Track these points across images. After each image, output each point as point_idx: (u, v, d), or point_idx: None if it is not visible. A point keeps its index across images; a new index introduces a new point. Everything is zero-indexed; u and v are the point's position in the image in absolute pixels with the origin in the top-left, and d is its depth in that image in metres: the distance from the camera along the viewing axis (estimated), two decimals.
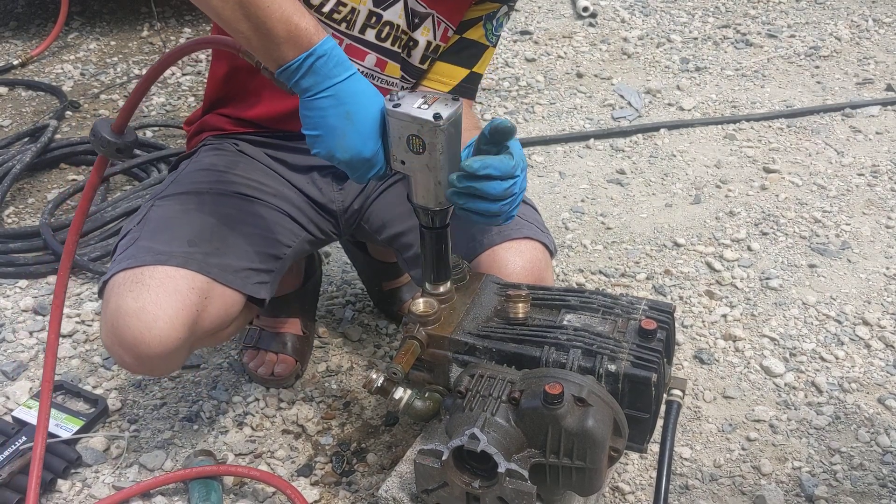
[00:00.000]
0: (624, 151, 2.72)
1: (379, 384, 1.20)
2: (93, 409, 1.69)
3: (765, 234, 2.31)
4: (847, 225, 2.34)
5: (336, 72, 1.15)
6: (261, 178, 1.52)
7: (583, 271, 2.18)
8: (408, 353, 1.20)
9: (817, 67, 3.28)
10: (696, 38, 3.53)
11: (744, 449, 1.66)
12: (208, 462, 1.54)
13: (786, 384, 1.81)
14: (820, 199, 2.46)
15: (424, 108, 1.10)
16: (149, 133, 2.76)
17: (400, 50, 1.47)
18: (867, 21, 3.65)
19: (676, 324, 1.73)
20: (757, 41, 3.49)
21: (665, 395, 1.18)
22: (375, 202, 1.59)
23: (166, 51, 3.31)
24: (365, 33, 1.42)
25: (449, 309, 1.25)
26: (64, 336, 1.90)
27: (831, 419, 1.72)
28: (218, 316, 1.36)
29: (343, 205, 1.60)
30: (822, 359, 1.88)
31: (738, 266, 2.18)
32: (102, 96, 3.01)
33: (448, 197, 1.17)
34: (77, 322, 1.94)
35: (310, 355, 1.86)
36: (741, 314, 2.01)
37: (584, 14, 3.67)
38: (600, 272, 2.17)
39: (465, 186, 1.14)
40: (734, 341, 1.92)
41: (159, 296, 1.27)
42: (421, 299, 1.24)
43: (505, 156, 1.16)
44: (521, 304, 1.19)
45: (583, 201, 2.47)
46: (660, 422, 1.16)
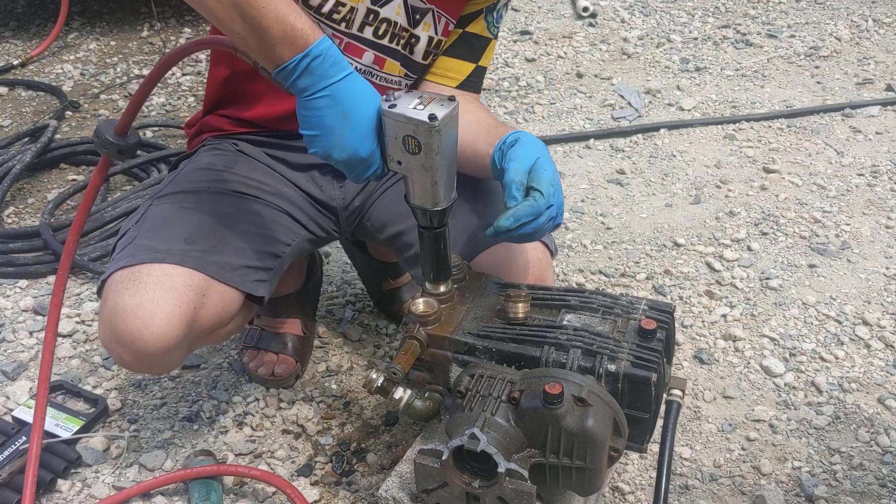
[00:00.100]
0: (624, 151, 2.72)
1: (379, 384, 1.20)
2: (93, 409, 1.69)
3: (765, 234, 2.31)
4: (847, 225, 2.34)
5: (332, 72, 1.15)
6: (260, 176, 1.52)
7: (583, 271, 2.18)
8: (408, 353, 1.20)
9: (817, 67, 3.28)
10: (696, 38, 3.53)
11: (744, 449, 1.66)
12: (208, 462, 1.54)
13: (786, 384, 1.81)
14: (820, 199, 2.46)
15: (420, 108, 1.10)
16: (149, 133, 2.76)
17: (400, 48, 1.47)
18: (867, 21, 3.65)
19: (676, 324, 1.73)
20: (757, 41, 3.49)
21: (665, 394, 1.18)
22: (377, 201, 1.59)
23: (166, 51, 3.31)
24: (363, 31, 1.42)
25: (449, 309, 1.25)
26: (64, 336, 1.90)
27: (831, 419, 1.72)
28: (216, 313, 1.36)
29: (344, 202, 1.60)
30: (822, 359, 1.88)
31: (738, 266, 2.18)
32: (102, 96, 3.01)
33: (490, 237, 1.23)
34: (77, 322, 1.94)
35: (310, 355, 1.86)
36: (741, 314, 2.01)
37: (584, 14, 3.68)
38: (600, 272, 2.17)
39: (506, 237, 1.22)
40: (734, 341, 1.92)
41: (156, 293, 1.27)
42: (421, 299, 1.24)
43: (532, 198, 1.20)
44: (521, 304, 1.19)
45: (583, 201, 2.47)
46: (660, 422, 1.16)
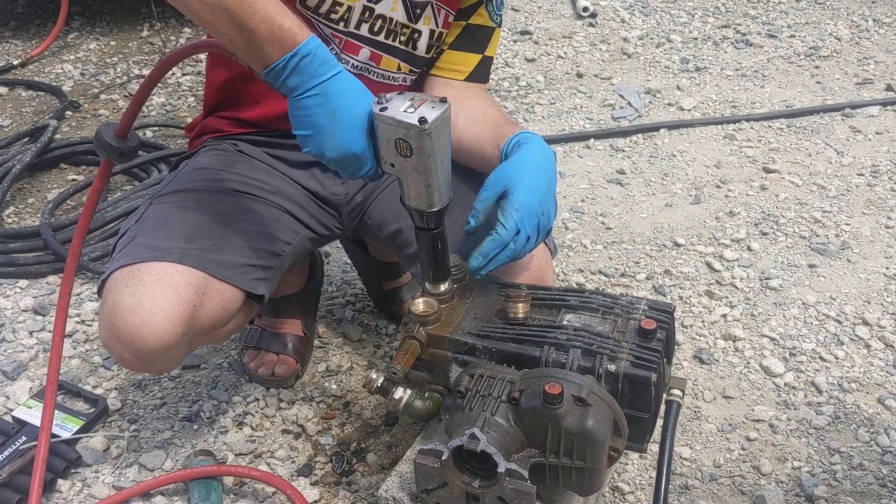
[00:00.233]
0: (624, 151, 2.72)
1: (379, 384, 1.20)
2: (93, 409, 1.69)
3: (765, 234, 2.31)
4: (847, 225, 2.34)
5: (321, 70, 1.15)
6: (260, 175, 1.52)
7: (583, 271, 2.18)
8: (408, 353, 1.20)
9: (817, 67, 3.28)
10: (696, 38, 3.53)
11: (743, 449, 1.66)
12: (208, 462, 1.54)
13: (785, 384, 1.81)
14: (820, 199, 2.46)
15: (411, 111, 1.09)
16: (149, 133, 2.76)
17: (401, 44, 1.47)
18: (867, 21, 3.65)
19: (676, 324, 1.73)
20: (757, 41, 3.49)
21: (665, 394, 1.18)
22: (378, 198, 1.59)
23: (167, 51, 3.31)
24: (360, 28, 1.43)
25: (449, 309, 1.25)
26: (64, 336, 1.90)
27: (831, 419, 1.72)
28: (216, 312, 1.36)
29: (346, 197, 1.60)
30: (822, 359, 1.88)
31: (738, 266, 2.18)
32: (102, 96, 3.01)
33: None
34: (77, 322, 1.94)
35: (310, 356, 1.86)
36: (741, 314, 2.01)
37: (584, 14, 3.67)
38: (600, 272, 2.17)
39: (486, 271, 1.25)
40: (734, 341, 1.92)
41: (156, 291, 1.27)
42: (421, 299, 1.24)
43: (494, 231, 1.23)
44: (521, 304, 1.19)
45: (583, 201, 2.47)
46: (659, 422, 1.16)
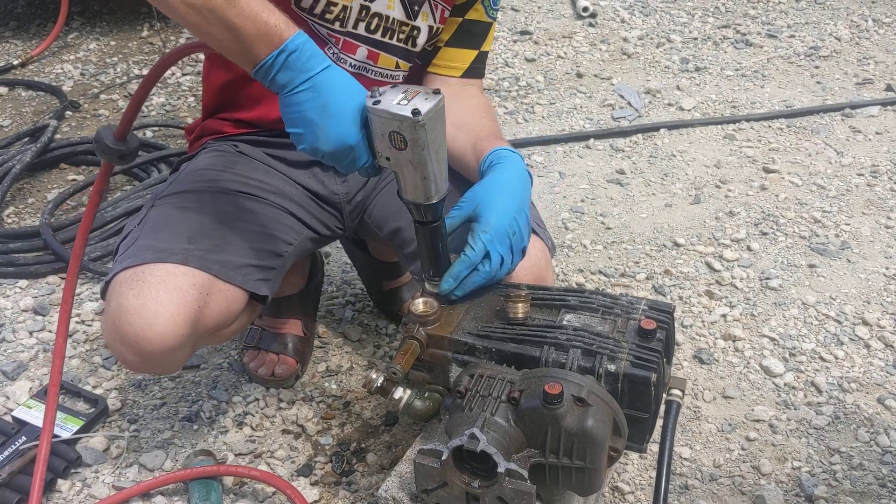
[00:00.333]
0: (624, 151, 2.72)
1: (379, 384, 1.20)
2: (93, 409, 1.69)
3: (764, 234, 2.31)
4: (847, 225, 2.34)
5: (311, 65, 1.15)
6: (261, 176, 1.53)
7: (582, 271, 2.18)
8: (407, 353, 1.20)
9: (817, 67, 3.28)
10: (696, 38, 3.53)
11: (743, 449, 1.66)
12: (208, 462, 1.54)
13: (785, 384, 1.81)
14: (820, 199, 2.46)
15: (404, 103, 1.09)
16: (149, 133, 2.76)
17: (399, 42, 1.47)
18: (867, 21, 3.65)
19: (676, 324, 1.73)
20: (757, 41, 3.49)
21: (665, 394, 1.18)
22: (377, 197, 1.59)
23: (167, 50, 3.31)
24: (357, 27, 1.43)
25: (449, 309, 1.25)
26: None
27: (831, 419, 1.72)
28: (220, 313, 1.36)
29: (347, 196, 1.60)
30: (822, 359, 1.88)
31: (738, 266, 2.18)
32: (102, 96, 3.01)
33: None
34: (77, 322, 1.94)
35: (310, 356, 1.86)
36: (741, 314, 2.01)
37: (584, 14, 3.68)
38: (600, 272, 2.17)
39: (460, 293, 1.25)
40: (734, 341, 1.93)
41: (160, 293, 1.27)
42: (421, 299, 1.24)
43: (464, 253, 1.23)
44: (520, 304, 1.19)
45: (583, 201, 2.47)
46: (659, 422, 1.16)
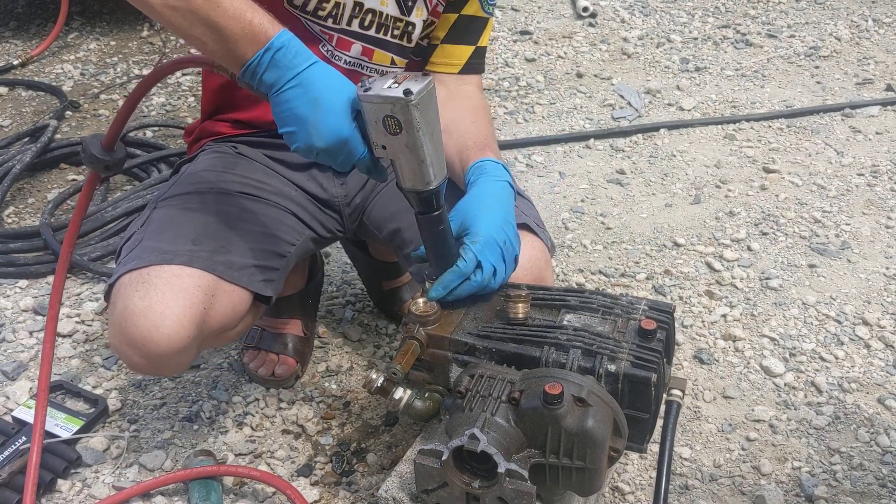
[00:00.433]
0: (624, 151, 2.72)
1: (379, 384, 1.20)
2: (93, 409, 1.69)
3: (765, 234, 2.31)
4: (847, 225, 2.34)
5: (297, 62, 1.14)
6: (261, 177, 1.53)
7: (583, 271, 2.18)
8: (408, 354, 1.20)
9: (817, 67, 3.28)
10: (696, 38, 3.53)
11: (743, 449, 1.66)
12: (208, 462, 1.54)
13: (785, 384, 1.81)
14: (820, 199, 2.46)
15: (395, 87, 1.09)
16: (149, 133, 2.76)
17: (393, 38, 1.48)
18: (867, 21, 3.65)
19: (676, 324, 1.73)
20: (757, 41, 3.49)
21: (665, 395, 1.18)
22: (376, 198, 1.59)
23: (166, 51, 3.31)
24: (351, 24, 1.43)
25: (449, 309, 1.25)
26: (64, 336, 1.90)
27: (831, 419, 1.72)
28: (225, 314, 1.36)
29: (346, 199, 1.60)
30: (822, 359, 1.88)
31: (738, 266, 2.18)
32: (102, 96, 3.01)
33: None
34: (77, 322, 1.94)
35: (310, 356, 1.86)
36: (741, 314, 2.01)
37: (584, 14, 3.68)
38: (600, 272, 2.17)
39: (451, 299, 1.25)
40: (734, 341, 1.92)
41: (166, 294, 1.27)
42: (421, 299, 1.24)
43: (455, 266, 1.23)
44: (521, 305, 1.19)
45: (583, 201, 2.47)
46: (659, 422, 1.16)
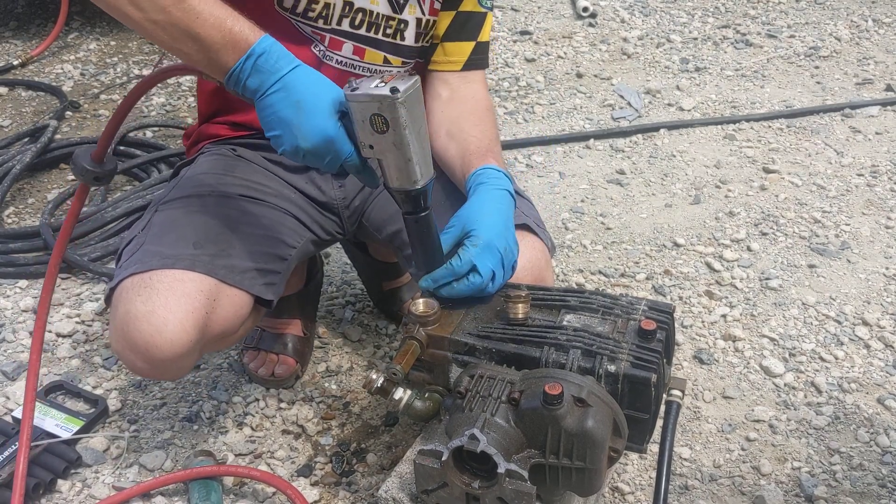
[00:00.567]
0: (624, 152, 2.72)
1: (379, 384, 1.20)
2: (93, 410, 1.69)
3: (764, 234, 2.31)
4: (847, 225, 2.34)
5: (280, 65, 1.15)
6: (261, 179, 1.53)
7: (582, 271, 2.18)
8: (407, 354, 1.20)
9: (817, 67, 3.28)
10: (695, 39, 3.53)
11: (743, 449, 1.66)
12: (208, 462, 1.54)
13: (785, 384, 1.81)
14: (819, 200, 2.46)
15: (382, 85, 1.10)
16: (149, 133, 2.76)
17: (385, 36, 1.47)
18: (867, 21, 3.65)
19: (676, 324, 1.73)
20: (757, 41, 3.49)
21: (665, 395, 1.18)
22: (375, 200, 1.59)
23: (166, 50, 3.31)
24: (341, 24, 1.43)
25: (448, 309, 1.25)
26: (64, 336, 1.90)
27: (831, 419, 1.72)
28: (227, 318, 1.36)
29: (345, 202, 1.60)
30: (822, 359, 1.88)
31: (738, 266, 2.18)
32: (102, 96, 3.01)
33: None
34: (77, 322, 1.94)
35: (310, 356, 1.86)
36: (741, 314, 2.01)
37: (584, 14, 3.68)
38: (600, 272, 2.17)
39: (445, 295, 1.25)
40: (734, 341, 1.93)
41: (168, 299, 1.27)
42: (421, 299, 1.24)
43: (449, 263, 1.24)
44: (520, 305, 1.19)
45: (582, 201, 2.47)
46: (659, 422, 1.16)
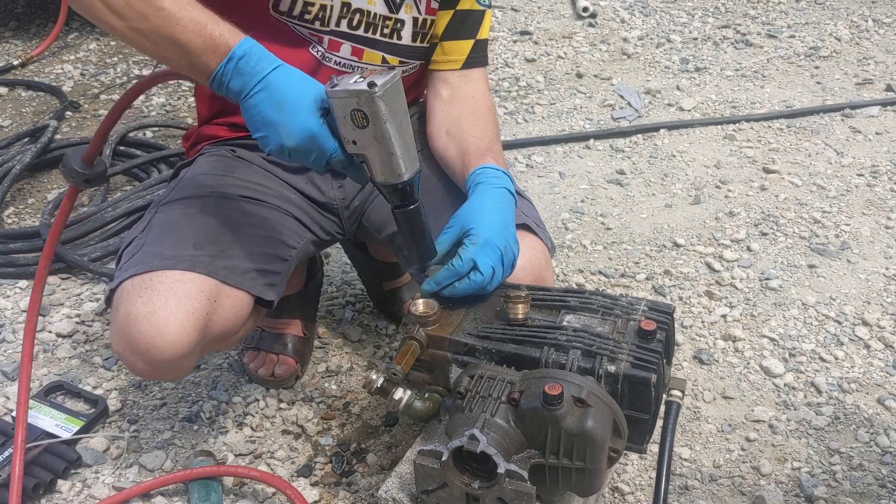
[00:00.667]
0: (624, 152, 2.72)
1: (379, 385, 1.20)
2: (93, 410, 1.69)
3: (764, 234, 2.31)
4: (846, 225, 2.34)
5: (261, 66, 1.16)
6: (261, 180, 1.53)
7: (582, 272, 2.18)
8: (407, 354, 1.20)
9: (817, 68, 3.28)
10: (695, 39, 3.53)
11: (743, 449, 1.66)
12: (208, 462, 1.54)
13: (785, 384, 1.81)
14: (819, 200, 2.46)
15: (360, 81, 1.11)
16: (149, 133, 2.76)
17: (383, 36, 1.47)
18: (867, 21, 3.65)
19: (676, 324, 1.73)
20: (757, 41, 3.49)
21: (664, 395, 1.18)
22: (375, 200, 1.59)
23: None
24: (339, 25, 1.44)
25: (448, 310, 1.25)
26: (64, 336, 1.90)
27: (831, 419, 1.72)
28: (228, 319, 1.36)
29: (344, 202, 1.60)
30: (822, 359, 1.88)
31: (738, 266, 2.18)
32: (102, 96, 3.01)
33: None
34: (77, 322, 1.94)
35: (310, 356, 1.86)
36: (741, 314, 2.01)
37: (584, 14, 3.68)
38: (600, 272, 2.17)
39: (447, 295, 1.25)
40: (734, 342, 1.93)
41: (169, 300, 1.27)
42: (420, 300, 1.24)
43: (450, 263, 1.24)
44: (520, 305, 1.19)
45: (582, 201, 2.47)
46: (659, 422, 1.16)
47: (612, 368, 1.11)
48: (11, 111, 2.90)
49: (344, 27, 1.44)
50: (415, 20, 1.49)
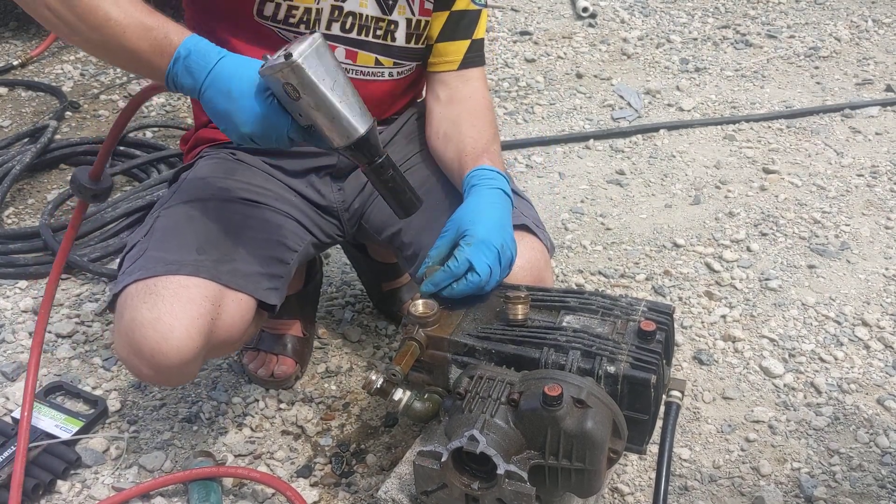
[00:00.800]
0: (623, 152, 2.72)
1: (378, 385, 1.20)
2: (92, 410, 1.69)
3: (764, 234, 2.31)
4: (846, 226, 2.34)
5: (206, 61, 1.16)
6: (262, 182, 1.53)
7: (582, 272, 2.18)
8: (407, 355, 1.20)
9: (817, 68, 3.28)
10: (695, 39, 3.53)
11: (743, 450, 1.66)
12: (208, 463, 1.54)
13: (785, 385, 1.81)
14: (819, 200, 2.46)
15: (280, 55, 1.11)
16: (149, 133, 2.76)
17: (376, 38, 1.47)
18: (867, 21, 3.65)
19: (676, 325, 1.73)
20: (756, 42, 3.49)
21: (664, 396, 1.18)
22: (375, 202, 1.59)
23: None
24: (331, 28, 1.43)
25: (448, 310, 1.25)
26: (64, 337, 1.90)
27: (830, 420, 1.72)
28: (232, 323, 1.36)
29: (344, 205, 1.60)
30: (822, 360, 1.88)
31: (738, 267, 2.18)
32: (102, 97, 3.01)
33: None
34: (77, 323, 1.94)
35: (310, 357, 1.86)
36: (740, 315, 2.01)
37: (584, 14, 3.68)
38: (600, 273, 2.17)
39: (447, 295, 1.25)
40: (733, 342, 1.93)
41: (174, 306, 1.27)
42: (420, 300, 1.24)
43: (447, 265, 1.24)
44: (520, 306, 1.19)
45: (582, 202, 2.47)
46: (659, 423, 1.16)
47: (611, 369, 1.11)
48: (11, 111, 2.90)
49: (336, 30, 1.43)
50: (408, 21, 1.48)
